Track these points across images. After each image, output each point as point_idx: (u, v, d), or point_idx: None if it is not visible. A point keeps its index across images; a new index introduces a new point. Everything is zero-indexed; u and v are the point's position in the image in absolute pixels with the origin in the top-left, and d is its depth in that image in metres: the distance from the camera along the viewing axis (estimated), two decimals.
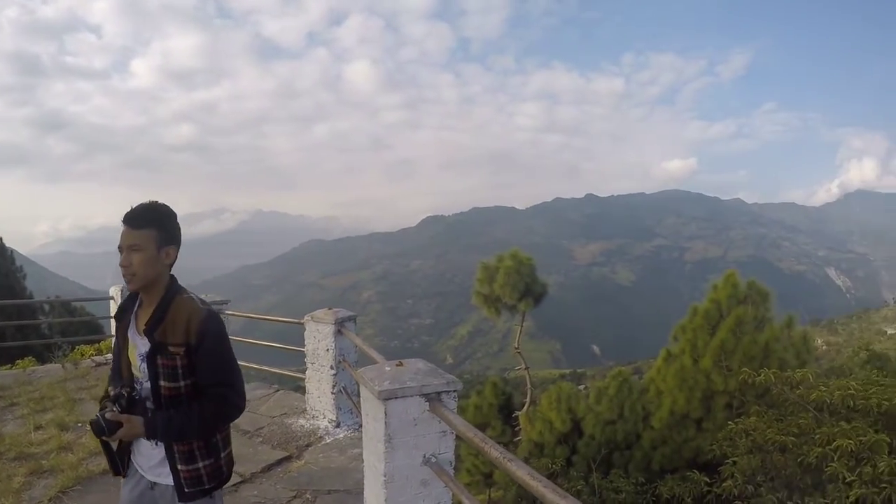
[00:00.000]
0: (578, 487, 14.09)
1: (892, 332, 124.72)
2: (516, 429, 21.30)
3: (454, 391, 4.08)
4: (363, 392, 4.36)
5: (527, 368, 24.65)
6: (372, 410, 4.13)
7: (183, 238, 3.12)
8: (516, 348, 25.19)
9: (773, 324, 16.11)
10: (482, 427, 21.20)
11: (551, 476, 15.00)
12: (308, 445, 7.74)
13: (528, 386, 23.69)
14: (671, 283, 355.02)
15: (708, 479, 10.88)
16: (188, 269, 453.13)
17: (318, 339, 8.40)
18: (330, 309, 8.48)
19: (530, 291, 23.09)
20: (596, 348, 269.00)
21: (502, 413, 21.81)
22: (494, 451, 3.04)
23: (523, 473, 2.72)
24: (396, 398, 3.89)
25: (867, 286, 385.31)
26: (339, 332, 8.16)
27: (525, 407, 22.09)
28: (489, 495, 18.60)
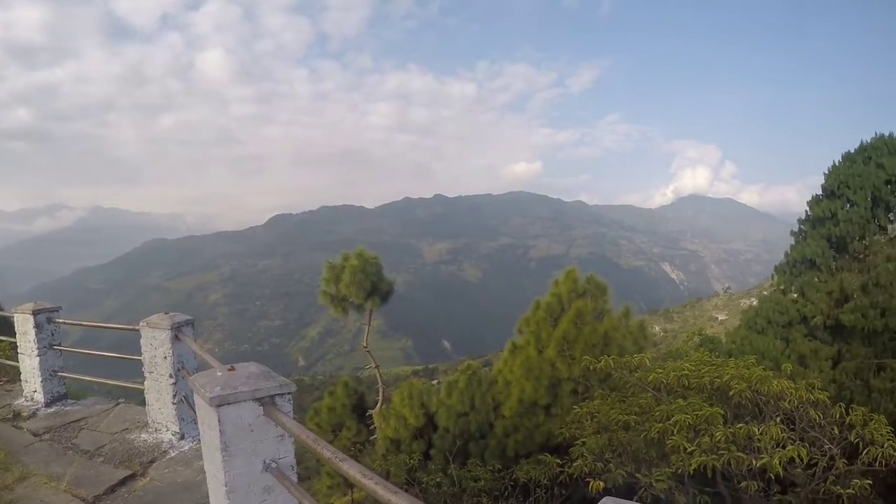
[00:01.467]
0: (437, 479, 14.24)
1: (723, 317, 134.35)
2: (371, 427, 21.25)
3: (288, 393, 4.00)
4: (197, 400, 4.22)
5: (377, 367, 24.63)
6: (206, 418, 4.02)
7: (14, 238, 2.81)
8: (365, 347, 25.13)
9: (611, 314, 16.97)
10: (337, 428, 21.08)
11: (410, 471, 15.07)
12: (153, 461, 7.41)
13: (380, 384, 23.64)
14: (516, 279, 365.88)
15: (560, 461, 11.28)
16: (19, 273, 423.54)
17: (155, 346, 7.97)
18: (166, 313, 8.07)
19: (377, 290, 22.99)
20: (446, 343, 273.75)
21: (356, 412, 21.68)
22: (326, 452, 3.03)
23: (355, 472, 2.74)
24: (229, 404, 3.79)
25: (699, 279, 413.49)
26: (176, 338, 7.78)
27: (378, 405, 22.05)
28: (352, 497, 18.51)
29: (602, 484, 9.13)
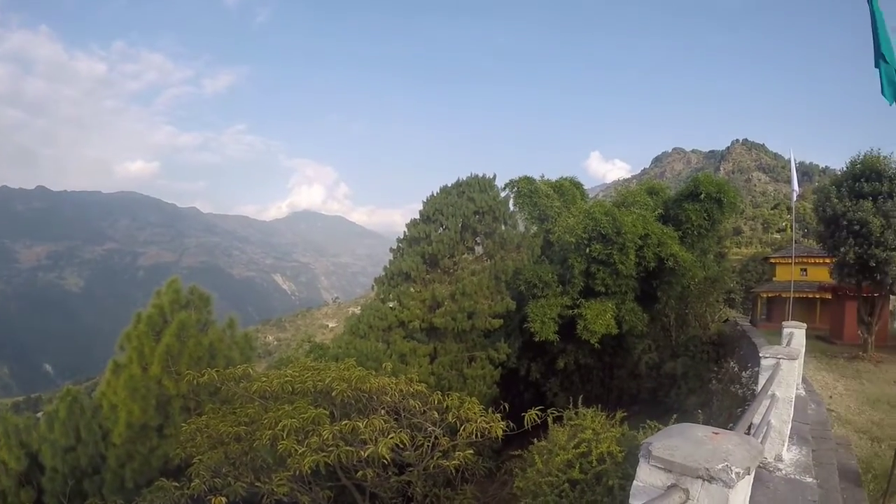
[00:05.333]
0: None
1: (333, 325, 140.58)
2: None
3: None
4: None
5: None
6: None
7: None
8: None
9: (216, 326, 17.07)
10: None
11: None
12: None
13: None
14: (124, 289, 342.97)
15: (178, 483, 11.00)
16: None
17: None
18: None
19: None
20: (49, 367, 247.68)
21: None
22: None
23: None
24: None
25: (310, 289, 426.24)
26: None
27: None
28: None
29: (224, 499, 9.27)
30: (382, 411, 11.22)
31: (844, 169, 21.68)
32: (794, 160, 26.35)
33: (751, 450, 3.05)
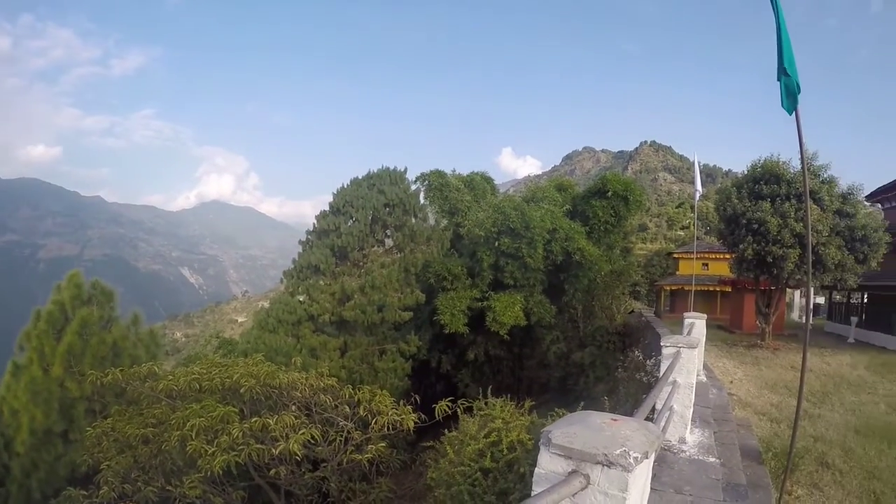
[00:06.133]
0: None
1: (242, 320, 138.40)
2: None
3: None
4: None
5: None
6: None
7: None
8: None
9: (119, 322, 16.54)
10: None
11: None
12: None
13: None
14: (23, 284, 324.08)
15: (86, 491, 10.61)
16: None
17: None
18: None
19: None
20: None
21: None
22: None
23: None
24: None
25: (218, 283, 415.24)
26: None
27: None
28: None
29: None
30: (293, 407, 11.21)
31: (745, 172, 22.78)
32: (699, 162, 27.62)
33: (649, 434, 3.22)
